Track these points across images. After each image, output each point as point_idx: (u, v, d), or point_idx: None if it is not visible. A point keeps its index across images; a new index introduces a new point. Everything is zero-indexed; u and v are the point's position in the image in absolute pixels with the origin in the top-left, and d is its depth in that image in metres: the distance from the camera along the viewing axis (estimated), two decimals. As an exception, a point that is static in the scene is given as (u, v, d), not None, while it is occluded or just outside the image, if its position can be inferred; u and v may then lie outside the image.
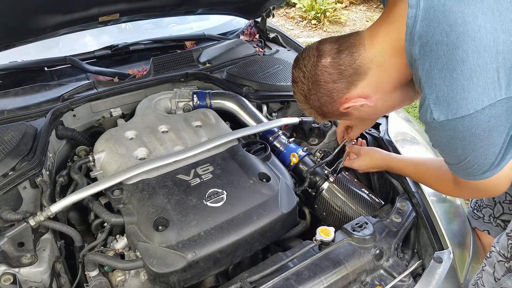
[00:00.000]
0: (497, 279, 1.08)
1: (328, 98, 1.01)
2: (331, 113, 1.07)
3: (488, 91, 0.77)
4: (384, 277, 1.14)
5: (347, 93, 0.99)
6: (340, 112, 1.05)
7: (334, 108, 1.04)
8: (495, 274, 1.08)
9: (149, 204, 1.15)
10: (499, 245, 1.08)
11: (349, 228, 1.19)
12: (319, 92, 1.01)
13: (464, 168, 0.92)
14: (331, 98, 1.01)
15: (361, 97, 1.00)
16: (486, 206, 1.41)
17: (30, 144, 1.31)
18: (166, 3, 1.79)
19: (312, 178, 1.46)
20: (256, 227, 1.14)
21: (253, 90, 1.77)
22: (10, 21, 1.41)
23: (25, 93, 1.67)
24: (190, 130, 1.48)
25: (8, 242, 1.07)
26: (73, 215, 1.34)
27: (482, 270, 1.13)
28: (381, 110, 1.08)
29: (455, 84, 0.79)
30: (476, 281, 1.15)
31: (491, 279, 1.10)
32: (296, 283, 1.04)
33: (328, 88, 0.99)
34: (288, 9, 6.64)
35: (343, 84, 0.98)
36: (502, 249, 1.06)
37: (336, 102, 1.02)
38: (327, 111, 1.06)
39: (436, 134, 0.88)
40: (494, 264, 1.09)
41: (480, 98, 0.78)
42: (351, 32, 1.01)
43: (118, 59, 2.09)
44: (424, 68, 0.83)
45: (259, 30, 2.39)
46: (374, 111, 1.07)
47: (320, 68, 0.98)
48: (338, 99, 1.01)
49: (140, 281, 1.15)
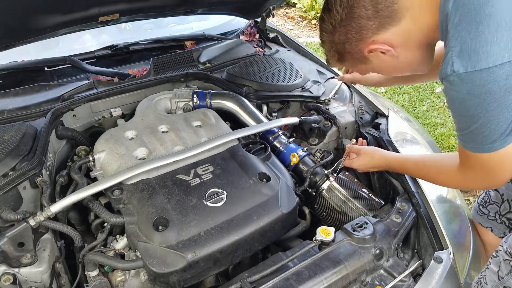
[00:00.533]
0: (501, 277, 1.07)
1: (356, 35, 0.98)
2: (351, 54, 1.04)
3: (510, 47, 0.78)
4: (384, 277, 1.14)
5: (376, 34, 0.97)
6: (360, 55, 1.03)
7: (358, 47, 1.01)
8: (499, 272, 1.08)
9: (149, 204, 1.15)
10: (507, 244, 1.07)
11: (349, 228, 1.19)
12: (350, 26, 0.98)
13: (474, 135, 0.92)
14: (359, 35, 0.98)
15: (387, 44, 0.98)
16: (493, 203, 1.41)
17: (30, 144, 1.31)
18: (166, 3, 1.79)
19: (312, 178, 1.46)
20: (256, 227, 1.14)
21: (253, 90, 1.77)
22: (10, 21, 1.41)
23: (25, 93, 1.67)
24: (190, 130, 1.48)
25: (8, 242, 1.07)
26: (73, 215, 1.34)
27: (487, 269, 1.13)
28: (400, 64, 1.06)
29: (479, 37, 0.79)
30: (479, 279, 1.15)
31: (494, 277, 1.09)
32: (296, 283, 1.03)
33: (360, 23, 0.96)
34: (288, 9, 6.64)
35: (375, 23, 0.95)
36: (510, 248, 1.05)
37: (362, 41, 0.99)
38: (348, 50, 1.03)
39: (453, 89, 0.87)
40: (500, 263, 1.08)
41: (501, 53, 0.78)
42: None
43: (118, 59, 2.09)
44: (454, 22, 0.83)
45: (259, 30, 2.39)
46: (393, 64, 1.06)
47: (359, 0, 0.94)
48: (365, 39, 0.99)
49: (140, 281, 1.15)
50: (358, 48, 1.02)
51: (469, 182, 1.10)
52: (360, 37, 0.99)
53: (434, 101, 3.82)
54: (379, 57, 1.03)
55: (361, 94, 1.86)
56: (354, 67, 1.14)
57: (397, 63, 1.04)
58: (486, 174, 1.00)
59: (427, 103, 3.80)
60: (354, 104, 1.81)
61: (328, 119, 1.71)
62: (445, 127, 3.41)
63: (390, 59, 1.02)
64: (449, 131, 3.35)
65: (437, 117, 3.56)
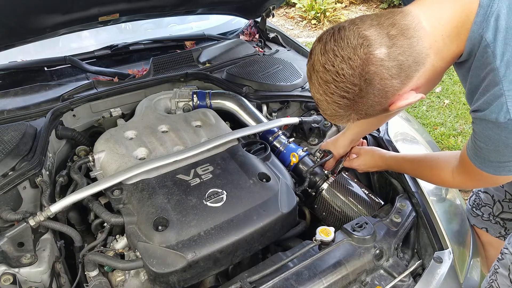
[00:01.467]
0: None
1: (380, 99, 0.81)
2: (372, 115, 0.88)
3: None
4: (384, 277, 1.14)
5: (402, 88, 0.81)
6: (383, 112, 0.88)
7: (382, 108, 0.84)
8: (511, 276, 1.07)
9: (149, 204, 1.15)
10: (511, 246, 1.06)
11: (349, 228, 1.19)
12: (372, 94, 0.80)
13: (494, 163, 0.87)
14: (384, 98, 0.81)
15: (413, 90, 0.84)
16: (485, 205, 1.41)
17: (30, 144, 1.31)
18: (166, 3, 1.79)
19: (312, 178, 1.45)
20: (256, 227, 1.14)
21: (253, 90, 1.77)
22: (10, 21, 1.41)
23: (25, 93, 1.67)
24: (190, 130, 1.48)
25: (8, 242, 1.07)
26: (73, 215, 1.34)
27: (496, 272, 1.11)
28: None
29: None
30: (490, 284, 1.13)
31: (506, 281, 1.08)
32: (296, 283, 1.03)
33: (383, 85, 0.79)
34: (288, 9, 6.64)
35: (400, 78, 0.79)
36: None
37: (388, 100, 0.82)
38: (370, 114, 0.86)
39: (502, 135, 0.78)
40: (509, 266, 1.07)
41: None
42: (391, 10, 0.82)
43: (118, 59, 2.09)
44: (504, 59, 0.72)
45: (259, 30, 2.39)
46: None
47: (374, 62, 0.76)
48: (391, 97, 0.82)
49: (140, 281, 1.15)
50: (382, 108, 0.85)
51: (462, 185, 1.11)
52: (386, 98, 0.82)
53: (434, 101, 3.82)
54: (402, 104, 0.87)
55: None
56: None
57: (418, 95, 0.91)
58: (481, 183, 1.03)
59: (427, 103, 3.80)
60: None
61: (328, 119, 1.71)
62: (445, 127, 3.41)
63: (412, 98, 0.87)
64: (449, 131, 3.35)
65: (437, 117, 3.56)
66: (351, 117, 0.88)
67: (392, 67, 0.77)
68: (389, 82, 0.79)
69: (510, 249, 1.07)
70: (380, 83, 0.79)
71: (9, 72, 1.86)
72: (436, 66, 0.83)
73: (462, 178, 1.04)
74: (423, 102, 3.81)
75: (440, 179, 1.16)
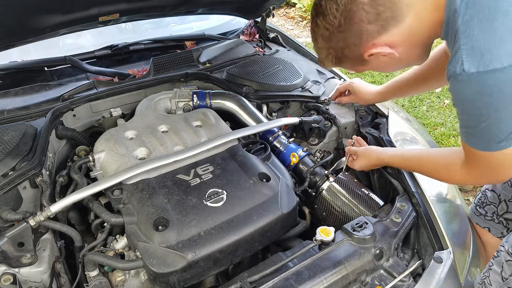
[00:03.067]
0: (505, 278, 1.07)
1: (355, 40, 0.93)
2: (349, 58, 1.00)
3: None
4: (384, 277, 1.14)
5: (377, 38, 0.92)
6: (359, 59, 0.99)
7: (357, 52, 0.97)
8: (503, 273, 1.07)
9: (149, 204, 1.15)
10: (508, 244, 1.07)
11: (349, 228, 1.19)
12: (349, 31, 0.93)
13: (481, 134, 0.89)
14: (359, 40, 0.93)
15: (388, 46, 0.94)
16: (490, 204, 1.41)
17: (30, 144, 1.31)
18: (166, 3, 1.79)
19: (312, 178, 1.46)
20: (256, 227, 1.14)
21: (253, 90, 1.77)
22: (10, 21, 1.41)
23: (25, 93, 1.66)
24: (190, 130, 1.48)
25: (8, 242, 1.07)
26: (73, 215, 1.34)
27: (489, 269, 1.13)
28: (398, 62, 1.03)
29: (494, 34, 0.75)
30: (483, 280, 1.15)
31: (498, 278, 1.09)
32: (296, 283, 1.03)
33: (360, 28, 0.91)
34: (288, 9, 6.64)
35: (377, 27, 0.91)
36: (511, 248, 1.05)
37: (362, 45, 0.95)
38: (347, 55, 0.99)
39: (462, 89, 0.84)
40: (502, 264, 1.08)
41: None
42: None
43: (118, 59, 2.09)
44: (464, 19, 0.79)
45: (259, 30, 2.39)
46: (392, 62, 1.02)
47: (357, 3, 0.89)
48: (365, 43, 0.94)
49: (140, 281, 1.15)
50: (357, 52, 0.98)
51: (472, 178, 1.09)
52: (360, 42, 0.95)
53: (434, 101, 3.82)
54: (378, 59, 1.00)
55: (361, 94, 1.86)
56: (351, 69, 1.12)
57: (397, 61, 1.02)
58: (490, 172, 0.99)
59: (427, 103, 3.80)
60: (354, 104, 1.81)
61: (328, 119, 1.71)
62: (445, 127, 3.41)
63: (390, 59, 0.99)
64: (449, 131, 3.35)
65: (437, 117, 3.56)
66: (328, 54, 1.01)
67: (371, 13, 0.89)
68: (366, 26, 0.91)
69: (505, 246, 1.08)
70: (358, 24, 0.91)
71: (9, 72, 1.86)
72: (414, 28, 0.91)
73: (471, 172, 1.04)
74: (423, 102, 3.81)
75: (449, 176, 1.14)
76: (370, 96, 1.63)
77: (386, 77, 4.34)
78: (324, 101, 1.77)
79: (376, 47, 0.94)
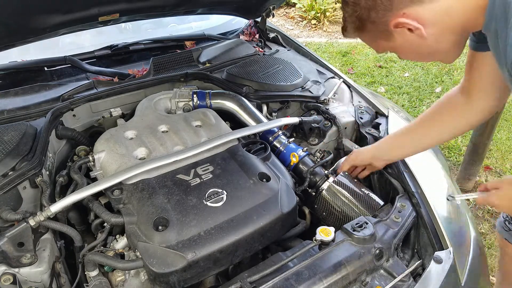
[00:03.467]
0: None
1: (386, 2, 0.84)
2: (375, 24, 0.90)
3: None
4: (384, 277, 1.14)
5: (409, 7, 0.84)
6: (384, 28, 0.89)
7: (385, 18, 0.87)
8: None
9: (149, 204, 1.15)
10: None
11: (349, 228, 1.19)
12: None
13: None
14: (390, 3, 0.84)
15: (418, 21, 0.85)
16: None
17: (30, 144, 1.31)
18: (166, 3, 1.79)
19: (312, 178, 1.45)
20: (256, 227, 1.14)
21: (253, 90, 1.77)
22: (10, 21, 1.41)
23: (25, 93, 1.66)
24: (190, 130, 1.48)
25: (8, 242, 1.07)
26: (73, 215, 1.34)
27: None
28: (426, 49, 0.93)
29: None
30: None
31: None
32: (296, 283, 1.03)
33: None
34: (288, 9, 6.64)
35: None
36: None
37: (391, 11, 0.85)
38: (373, 19, 0.89)
39: None
40: None
41: None
42: None
43: (118, 59, 2.09)
44: None
45: (259, 30, 2.39)
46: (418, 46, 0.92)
47: None
48: (396, 10, 0.85)
49: (140, 281, 1.15)
50: (384, 18, 0.87)
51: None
52: (390, 6, 0.85)
53: (434, 101, 3.82)
54: (405, 35, 0.89)
55: (361, 94, 1.86)
56: (372, 42, 0.99)
57: (423, 46, 0.91)
58: None
59: (427, 103, 3.81)
60: (354, 104, 1.81)
61: (328, 119, 1.71)
62: (445, 127, 3.41)
63: (417, 40, 0.89)
64: (449, 131, 3.34)
65: (437, 117, 3.56)
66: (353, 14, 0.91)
67: None
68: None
69: None
70: None
71: (9, 72, 1.86)
72: (452, 11, 0.83)
73: None
74: (423, 102, 3.81)
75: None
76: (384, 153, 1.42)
77: (386, 77, 4.34)
78: (324, 101, 1.77)
79: (405, 17, 0.85)
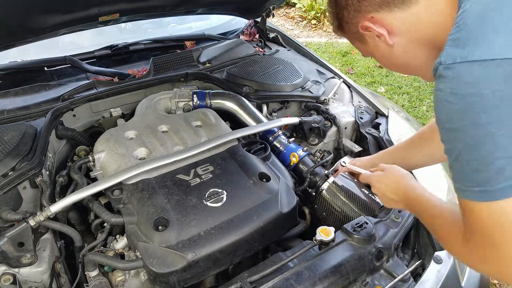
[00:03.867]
0: None
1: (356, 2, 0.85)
2: (348, 24, 0.91)
3: None
4: (384, 277, 1.14)
5: (376, 12, 0.83)
6: (356, 30, 0.90)
7: (355, 20, 0.88)
8: None
9: (149, 204, 1.15)
10: None
11: (349, 228, 1.19)
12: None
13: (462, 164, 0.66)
14: (359, 4, 0.85)
15: (385, 27, 0.84)
16: None
17: (30, 144, 1.31)
18: (166, 3, 1.79)
19: (312, 178, 1.45)
20: (256, 227, 1.14)
21: (253, 90, 1.77)
22: (10, 21, 1.41)
23: (25, 93, 1.67)
24: (190, 130, 1.48)
25: (8, 242, 1.07)
26: (73, 215, 1.34)
27: None
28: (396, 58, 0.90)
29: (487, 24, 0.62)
30: None
31: None
32: (296, 283, 1.03)
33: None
34: (288, 9, 6.64)
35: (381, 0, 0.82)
36: None
37: (360, 13, 0.85)
38: (346, 19, 0.90)
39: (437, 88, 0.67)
40: None
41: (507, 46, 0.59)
42: None
43: (118, 59, 2.09)
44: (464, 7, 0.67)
45: (259, 30, 2.39)
46: (388, 54, 0.90)
47: None
48: (364, 11, 0.84)
49: (140, 281, 1.15)
50: (355, 20, 0.88)
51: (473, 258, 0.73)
52: (359, 8, 0.85)
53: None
54: (374, 40, 0.89)
55: (361, 94, 1.86)
56: (353, 44, 0.99)
57: (394, 56, 0.89)
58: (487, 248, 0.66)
59: (427, 103, 3.80)
60: (354, 104, 1.81)
61: (328, 119, 1.71)
62: (445, 127, 3.41)
63: (386, 48, 0.88)
64: (449, 131, 3.34)
65: (437, 117, 3.56)
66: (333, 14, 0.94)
67: None
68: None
69: None
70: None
71: (9, 72, 1.86)
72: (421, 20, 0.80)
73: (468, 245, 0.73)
74: (423, 102, 3.81)
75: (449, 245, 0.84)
76: None
77: (386, 77, 4.34)
78: (324, 101, 1.77)
79: (372, 21, 0.85)
